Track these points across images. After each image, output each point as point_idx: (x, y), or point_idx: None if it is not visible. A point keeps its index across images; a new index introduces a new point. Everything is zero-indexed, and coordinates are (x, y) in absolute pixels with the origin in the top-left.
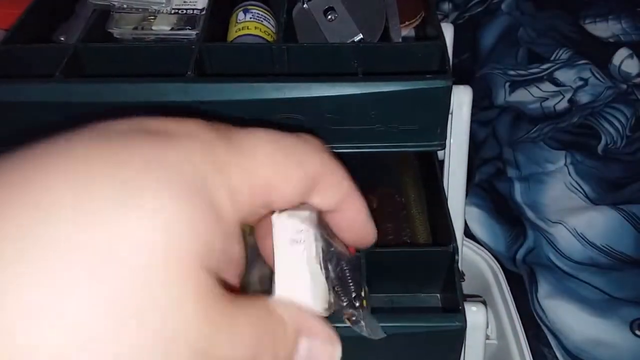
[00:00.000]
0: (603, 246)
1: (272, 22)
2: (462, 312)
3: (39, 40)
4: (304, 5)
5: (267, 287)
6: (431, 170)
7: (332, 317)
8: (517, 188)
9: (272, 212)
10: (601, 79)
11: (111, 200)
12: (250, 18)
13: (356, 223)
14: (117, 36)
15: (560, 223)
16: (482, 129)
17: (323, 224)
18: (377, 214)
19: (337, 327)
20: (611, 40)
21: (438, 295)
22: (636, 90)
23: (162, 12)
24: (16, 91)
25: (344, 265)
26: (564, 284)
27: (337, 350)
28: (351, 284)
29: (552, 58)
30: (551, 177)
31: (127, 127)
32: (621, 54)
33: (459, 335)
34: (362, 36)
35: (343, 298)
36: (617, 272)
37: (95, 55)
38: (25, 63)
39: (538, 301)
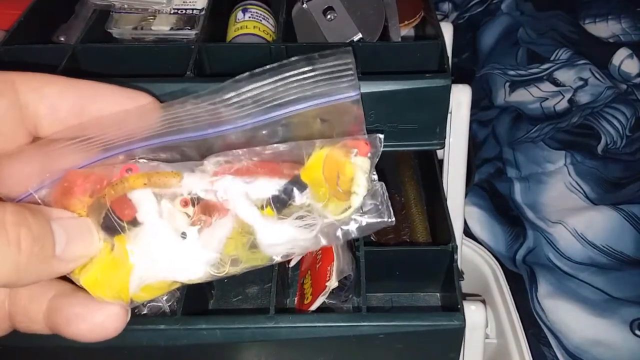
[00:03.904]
0: (603, 246)
1: (271, 21)
2: (461, 311)
3: (39, 41)
4: (304, 5)
5: None
6: (430, 170)
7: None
8: (517, 188)
9: None
10: (601, 79)
11: None
12: (250, 17)
13: None
14: (117, 36)
15: (560, 223)
16: (482, 129)
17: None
18: None
19: (335, 326)
20: (611, 40)
21: (437, 294)
22: (636, 91)
23: (162, 12)
24: None
25: None
26: (564, 284)
27: (89, 222)
28: None
29: (552, 58)
30: (551, 177)
31: None
32: (621, 54)
33: (458, 334)
34: (361, 36)
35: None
36: (617, 272)
37: (95, 55)
38: (25, 63)
39: (538, 301)
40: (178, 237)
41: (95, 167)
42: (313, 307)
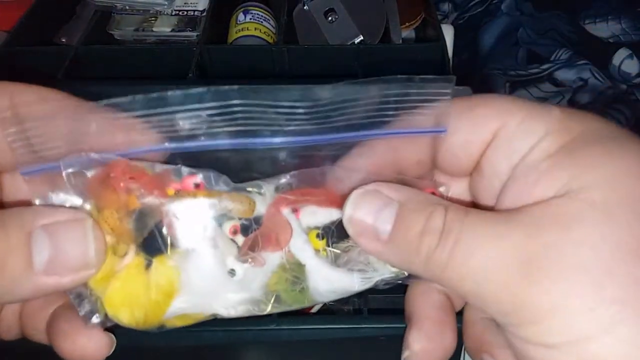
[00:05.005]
0: None
1: (272, 22)
2: (462, 312)
3: (41, 42)
4: (305, 7)
5: None
6: None
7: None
8: None
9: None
10: (601, 79)
11: None
12: (251, 19)
13: None
14: (118, 37)
15: None
16: None
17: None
18: None
19: (336, 328)
20: (611, 40)
21: None
22: (636, 91)
23: (163, 14)
24: None
25: None
26: None
27: (84, 227)
28: None
29: (551, 58)
30: None
31: None
32: (621, 54)
33: (458, 335)
34: (362, 37)
35: None
36: None
37: (96, 56)
38: (27, 65)
39: None
40: (226, 273)
41: (140, 162)
42: (315, 309)
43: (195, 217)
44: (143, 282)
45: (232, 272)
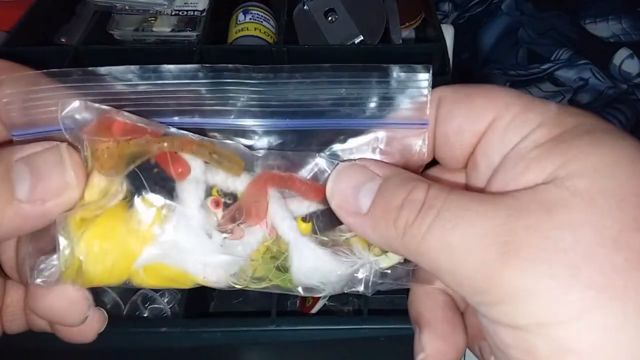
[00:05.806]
0: None
1: (272, 22)
2: None
3: (40, 42)
4: (305, 7)
5: None
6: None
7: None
8: None
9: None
10: (601, 79)
11: None
12: (250, 19)
13: None
14: (118, 37)
15: None
16: None
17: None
18: None
19: (336, 329)
20: (611, 40)
21: None
22: (636, 90)
23: (163, 14)
24: None
25: None
26: None
27: (59, 150)
28: None
29: (552, 58)
30: None
31: None
32: (621, 54)
33: None
34: (362, 38)
35: None
36: None
37: (96, 56)
38: (27, 65)
39: None
40: (204, 234)
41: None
42: (314, 310)
43: (188, 160)
44: (122, 220)
45: (208, 234)
